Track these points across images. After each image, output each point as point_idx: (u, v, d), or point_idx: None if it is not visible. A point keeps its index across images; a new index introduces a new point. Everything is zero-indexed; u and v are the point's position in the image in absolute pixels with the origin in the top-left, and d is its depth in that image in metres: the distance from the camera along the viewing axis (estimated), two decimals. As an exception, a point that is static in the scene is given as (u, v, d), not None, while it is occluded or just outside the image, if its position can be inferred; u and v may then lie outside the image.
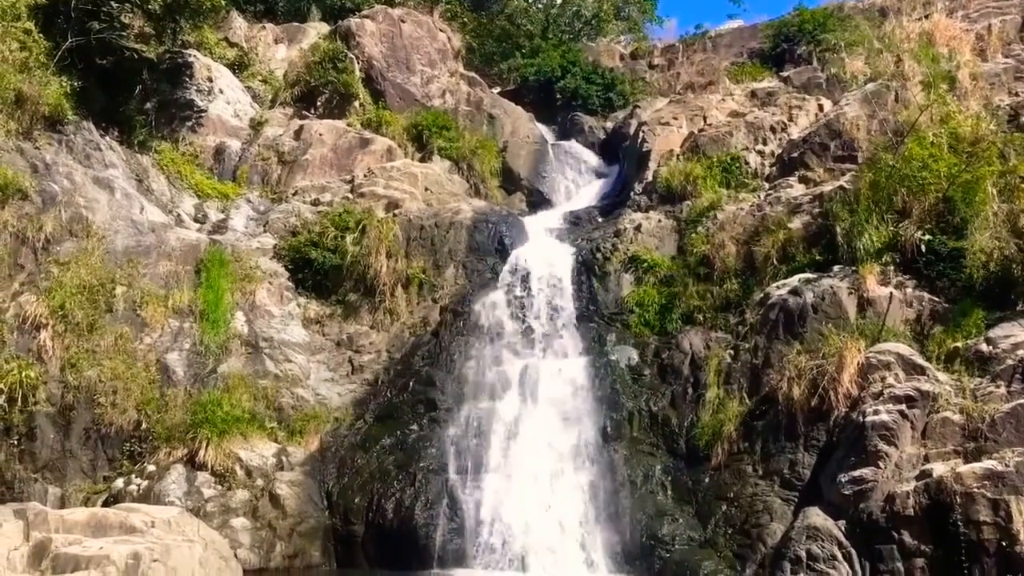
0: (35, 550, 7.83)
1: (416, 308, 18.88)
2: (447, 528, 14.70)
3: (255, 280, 18.40)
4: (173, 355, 16.49)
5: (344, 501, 15.47)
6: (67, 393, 14.99)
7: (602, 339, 17.09)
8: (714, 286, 17.03)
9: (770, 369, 14.95)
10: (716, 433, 14.78)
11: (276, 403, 16.88)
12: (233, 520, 14.52)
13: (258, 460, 15.49)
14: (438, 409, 16.47)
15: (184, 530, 9.15)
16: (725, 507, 14.18)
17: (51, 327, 15.19)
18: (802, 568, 12.63)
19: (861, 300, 14.87)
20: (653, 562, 13.92)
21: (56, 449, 14.87)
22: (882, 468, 12.64)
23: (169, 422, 15.46)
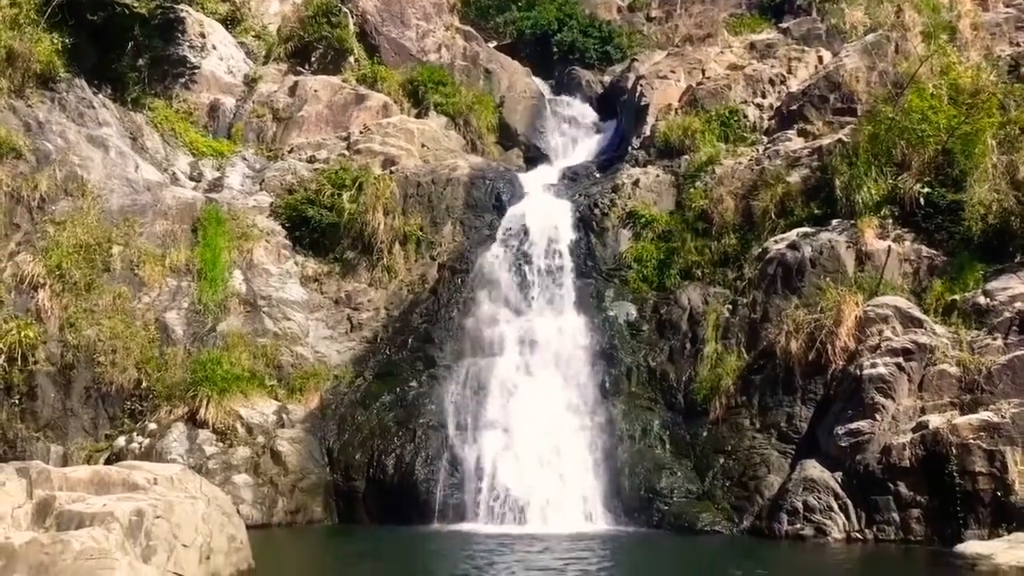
0: (39, 508, 7.87)
1: (414, 265, 18.85)
2: (447, 483, 14.83)
3: (252, 238, 18.34)
4: (172, 314, 16.49)
5: (345, 457, 15.58)
6: (67, 352, 15.02)
7: (600, 295, 17.10)
8: (712, 241, 16.98)
9: (768, 324, 14.98)
10: (714, 387, 14.86)
11: (276, 361, 16.92)
12: (235, 477, 14.63)
13: (259, 418, 15.57)
14: (437, 366, 16.53)
15: (187, 487, 9.20)
16: (723, 460, 14.31)
17: (49, 287, 15.17)
18: (799, 519, 12.78)
19: (859, 254, 14.86)
20: (651, 514, 14.07)
21: (57, 408, 14.94)
22: (879, 420, 12.73)
23: (169, 380, 15.51)
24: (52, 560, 6.96)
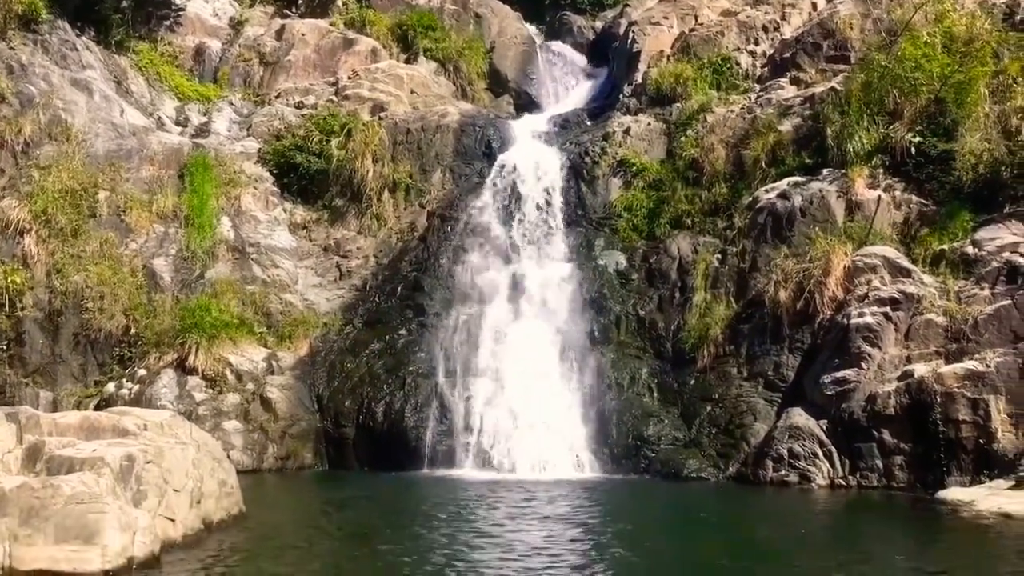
0: (29, 453, 7.88)
1: (403, 213, 18.76)
2: (436, 430, 14.93)
3: (240, 185, 18.20)
4: (159, 260, 16.41)
5: (334, 404, 15.65)
6: (54, 299, 14.97)
7: (590, 244, 17.08)
8: (703, 190, 16.93)
9: (757, 273, 15.01)
10: (702, 336, 14.92)
11: (265, 308, 16.90)
12: (225, 423, 14.70)
13: (248, 364, 15.59)
14: (427, 314, 16.54)
15: (177, 433, 9.21)
16: (710, 408, 14.43)
17: (35, 232, 15.06)
18: (784, 466, 12.94)
19: (849, 203, 14.84)
20: (639, 462, 14.22)
21: (46, 354, 14.92)
22: (865, 369, 12.83)
23: (158, 327, 15.48)
24: (43, 504, 6.99)
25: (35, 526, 6.87)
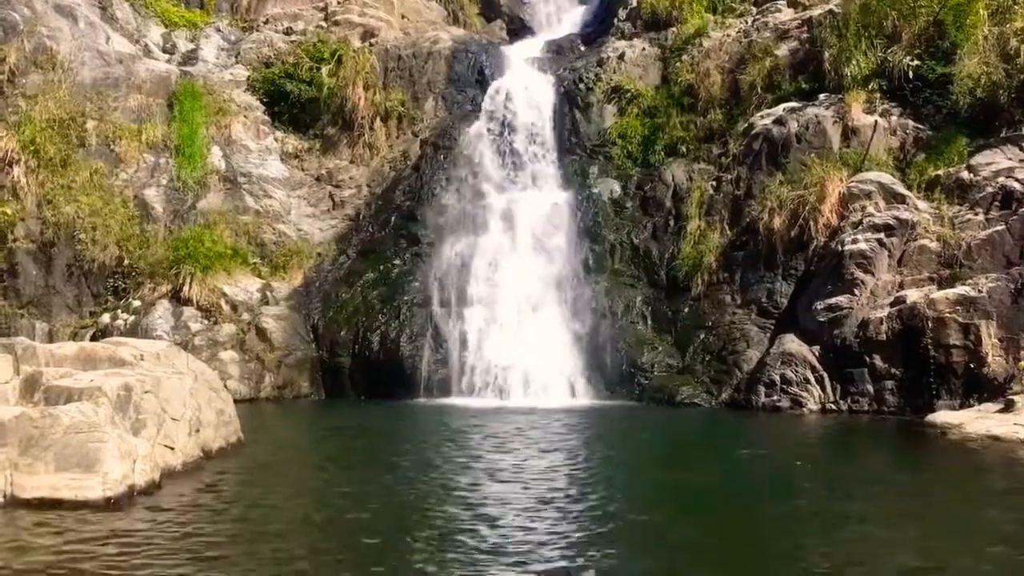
0: (26, 383, 7.91)
1: (396, 142, 18.59)
2: (432, 359, 15.04)
3: (230, 114, 17.97)
4: (150, 191, 16.29)
5: (330, 334, 15.72)
6: (46, 230, 14.89)
7: (584, 172, 16.98)
8: (698, 117, 16.77)
9: (752, 200, 14.96)
10: (696, 264, 14.95)
11: (258, 239, 16.85)
12: (221, 353, 14.77)
13: (243, 295, 15.61)
14: (421, 244, 16.52)
15: (173, 363, 9.24)
16: (703, 335, 14.53)
17: (24, 163, 14.91)
18: (776, 391, 13.09)
19: (846, 129, 14.73)
20: (633, 388, 14.37)
21: (39, 285, 14.91)
22: (857, 295, 12.89)
23: (151, 258, 15.45)
24: (42, 433, 7.04)
25: (35, 455, 6.93)
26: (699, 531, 6.24)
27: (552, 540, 5.79)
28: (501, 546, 5.64)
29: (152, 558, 5.43)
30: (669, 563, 5.47)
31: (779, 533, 6.22)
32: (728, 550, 5.80)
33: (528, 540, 5.82)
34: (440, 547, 5.69)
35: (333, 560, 5.63)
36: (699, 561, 5.52)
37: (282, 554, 5.69)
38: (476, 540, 5.81)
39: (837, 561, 5.41)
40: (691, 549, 5.79)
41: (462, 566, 5.25)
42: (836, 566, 5.31)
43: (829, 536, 6.08)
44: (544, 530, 6.02)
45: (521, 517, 6.40)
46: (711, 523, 6.53)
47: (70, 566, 5.23)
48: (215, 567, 5.33)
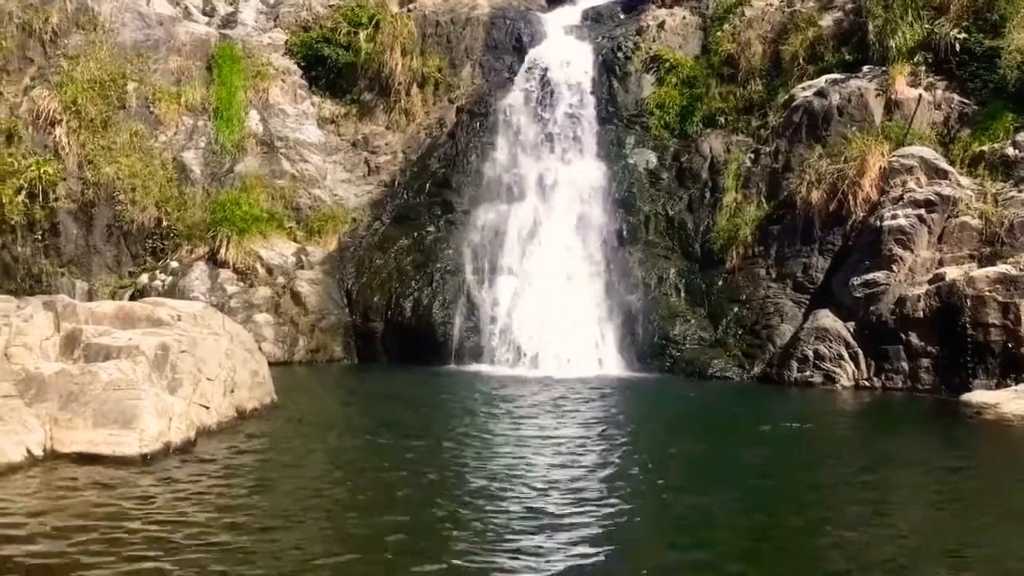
0: (66, 340, 8.06)
1: (432, 108, 18.55)
2: (463, 326, 15.10)
3: (268, 77, 18.03)
4: (189, 153, 16.43)
5: (363, 299, 15.83)
6: (87, 190, 15.09)
7: (621, 142, 16.85)
8: (738, 87, 16.55)
9: (790, 173, 14.78)
10: (732, 237, 14.83)
11: (294, 203, 16.96)
12: (256, 316, 14.94)
13: (278, 259, 15.75)
14: (455, 211, 16.52)
15: (209, 324, 9.37)
16: (737, 309, 14.45)
17: (65, 123, 15.09)
18: (809, 367, 13.00)
19: (888, 102, 14.46)
20: (664, 361, 14.34)
21: (80, 245, 15.14)
22: (895, 272, 12.73)
23: (189, 220, 15.62)
24: (81, 390, 7.19)
25: (74, 411, 7.08)
26: (726, 504, 6.24)
27: (576, 511, 5.83)
28: (527, 514, 5.68)
29: (188, 513, 5.55)
30: (694, 536, 5.48)
31: (807, 508, 6.21)
32: (753, 524, 5.80)
33: (553, 510, 5.86)
34: (467, 511, 5.75)
35: (363, 517, 5.71)
36: (723, 534, 5.53)
37: (314, 512, 5.79)
38: (502, 505, 5.86)
39: (865, 538, 5.40)
40: (717, 522, 5.80)
41: (490, 529, 5.31)
42: (863, 543, 5.30)
43: (856, 512, 6.06)
44: (569, 501, 6.05)
45: (547, 486, 6.45)
46: (738, 496, 6.53)
47: (108, 519, 5.35)
48: (249, 523, 5.45)
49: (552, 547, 4.99)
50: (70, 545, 4.82)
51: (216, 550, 4.85)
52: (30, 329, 7.84)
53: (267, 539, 5.15)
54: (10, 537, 4.93)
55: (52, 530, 5.09)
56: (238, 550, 4.89)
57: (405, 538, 5.23)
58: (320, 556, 4.84)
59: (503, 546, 5.01)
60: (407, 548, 5.04)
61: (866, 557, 5.01)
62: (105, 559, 4.63)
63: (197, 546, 4.89)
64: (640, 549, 5.19)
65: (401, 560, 4.84)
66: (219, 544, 4.98)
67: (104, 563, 4.57)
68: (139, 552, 4.75)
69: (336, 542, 5.15)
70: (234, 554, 4.82)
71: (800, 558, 5.06)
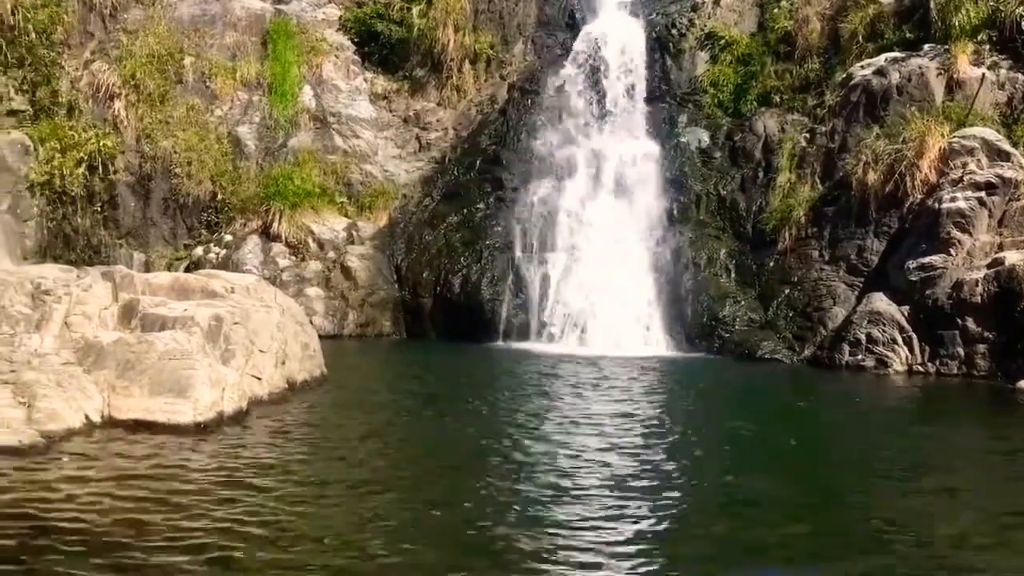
0: (124, 310, 8.24)
1: (483, 85, 18.53)
2: (512, 304, 15.14)
3: (321, 53, 18.13)
4: (243, 128, 16.63)
5: (412, 275, 15.94)
6: (144, 163, 15.38)
7: (673, 120, 16.67)
8: (794, 66, 16.27)
9: (846, 154, 14.51)
10: (784, 218, 14.63)
11: (345, 178, 17.09)
12: (307, 289, 15.14)
13: (329, 233, 15.92)
14: (505, 188, 16.51)
15: (262, 296, 9.51)
16: (788, 291, 14.28)
17: (124, 97, 15.37)
18: (861, 350, 12.81)
19: (950, 82, 14.11)
20: (712, 342, 14.24)
21: (137, 217, 15.46)
22: (953, 255, 12.47)
23: (243, 194, 15.85)
24: (138, 358, 7.35)
25: (131, 379, 7.25)
26: (776, 488, 6.20)
27: (621, 492, 5.84)
28: (575, 492, 5.70)
29: (242, 480, 5.68)
30: (744, 518, 5.46)
31: (855, 493, 6.15)
32: (800, 506, 5.76)
33: (598, 490, 5.88)
34: (512, 488, 5.79)
35: (412, 489, 5.80)
36: (770, 516, 5.50)
37: (364, 482, 5.89)
38: (551, 482, 5.89)
39: (912, 523, 5.34)
40: (765, 504, 5.77)
41: (538, 506, 5.34)
42: (919, 524, 5.24)
43: (912, 498, 5.99)
44: (615, 482, 6.06)
45: (595, 464, 6.45)
46: (787, 479, 6.48)
47: (164, 485, 5.49)
48: (301, 489, 5.56)
49: (596, 526, 5.01)
50: (127, 509, 4.96)
51: (269, 515, 4.96)
52: (89, 299, 8.03)
53: (318, 505, 5.26)
54: (70, 500, 5.09)
55: (110, 494, 5.24)
56: (290, 514, 5.00)
57: (450, 510, 5.29)
58: (370, 522, 4.94)
59: (550, 524, 5.04)
60: (449, 520, 5.11)
61: (928, 534, 4.95)
62: (161, 523, 4.76)
63: (251, 511, 5.00)
64: (688, 528, 5.19)
65: (444, 528, 4.91)
66: (272, 508, 5.10)
67: (160, 526, 4.70)
68: (194, 517, 4.87)
69: (382, 511, 5.23)
70: (286, 518, 4.93)
71: (852, 539, 5.01)
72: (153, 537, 4.53)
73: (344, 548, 4.55)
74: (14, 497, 5.07)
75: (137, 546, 4.39)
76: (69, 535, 4.51)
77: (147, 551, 4.33)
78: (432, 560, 4.46)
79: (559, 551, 4.55)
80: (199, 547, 4.41)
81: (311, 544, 4.59)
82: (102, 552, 4.29)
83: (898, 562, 4.58)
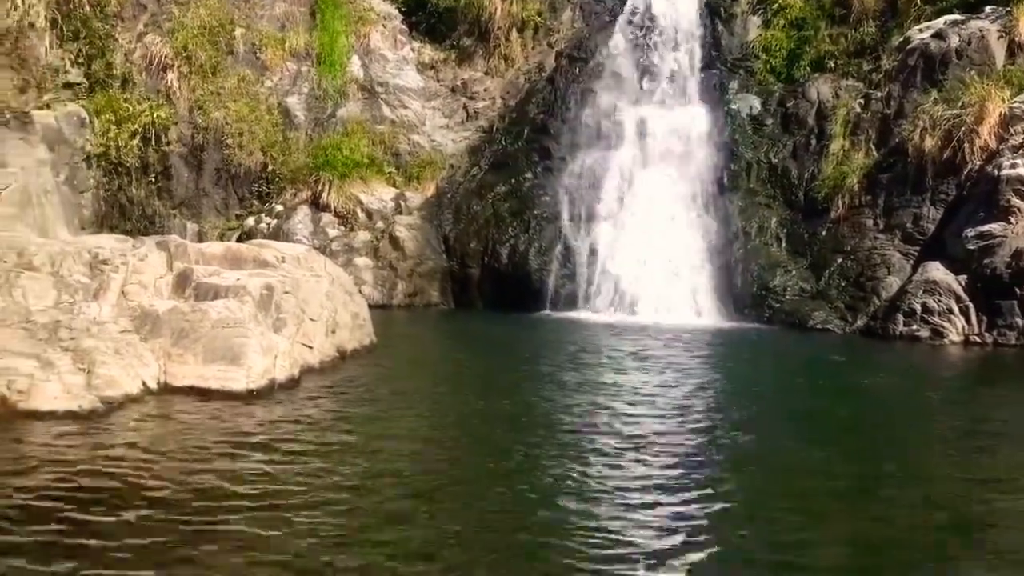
0: (178, 279, 8.40)
1: (531, 53, 18.39)
2: (559, 273, 15.12)
3: (369, 23, 18.13)
4: (293, 99, 16.74)
5: (460, 245, 15.98)
6: (196, 134, 15.57)
7: (724, 86, 16.40)
8: (849, 29, 15.89)
9: (902, 120, 14.18)
10: (837, 186, 14.38)
11: (393, 149, 17.14)
12: (356, 259, 15.26)
13: (378, 203, 16.01)
14: (552, 157, 16.42)
15: (312, 266, 9.62)
16: (841, 260, 14.06)
17: (177, 68, 15.53)
18: (916, 320, 12.59)
19: (1012, 45, 13.68)
20: (763, 312, 14.10)
21: (190, 187, 15.68)
22: (1012, 224, 12.16)
23: (293, 164, 15.99)
24: (192, 327, 7.50)
25: (185, 346, 7.40)
26: (834, 461, 6.14)
27: (680, 463, 5.83)
28: (628, 467, 5.70)
29: (295, 447, 5.78)
30: (800, 495, 5.42)
31: (915, 468, 6.06)
32: (858, 478, 5.70)
33: (650, 463, 5.87)
34: (560, 459, 5.81)
35: (463, 454, 5.87)
36: (828, 491, 5.46)
37: (416, 450, 5.96)
38: (605, 456, 5.91)
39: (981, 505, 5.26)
40: (823, 479, 5.72)
41: (590, 477, 5.36)
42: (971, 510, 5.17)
43: (975, 473, 5.90)
44: (671, 453, 6.04)
45: (648, 438, 6.43)
46: (842, 452, 6.42)
47: (220, 449, 5.62)
48: (352, 456, 5.66)
49: (651, 501, 5.00)
50: (184, 473, 5.09)
51: (322, 481, 5.05)
52: (145, 268, 8.19)
53: (371, 472, 5.35)
54: (130, 463, 5.23)
55: (168, 457, 5.38)
56: (342, 481, 5.09)
57: (500, 478, 5.34)
58: (424, 491, 5.02)
59: (604, 496, 5.05)
60: (500, 488, 5.15)
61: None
62: (216, 483, 4.89)
63: (306, 478, 5.10)
64: (742, 502, 5.17)
65: (495, 496, 4.96)
66: (326, 473, 5.20)
67: (215, 487, 4.82)
68: (249, 482, 4.98)
69: (436, 478, 5.30)
70: (339, 485, 5.01)
71: (903, 515, 4.95)
72: (210, 497, 4.66)
73: (393, 498, 4.63)
74: (76, 460, 5.22)
75: (195, 506, 4.52)
76: (130, 496, 4.64)
77: (205, 511, 4.45)
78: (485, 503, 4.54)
79: (613, 518, 4.57)
80: (252, 507, 4.53)
81: (367, 504, 4.67)
82: (164, 512, 4.42)
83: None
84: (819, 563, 4.20)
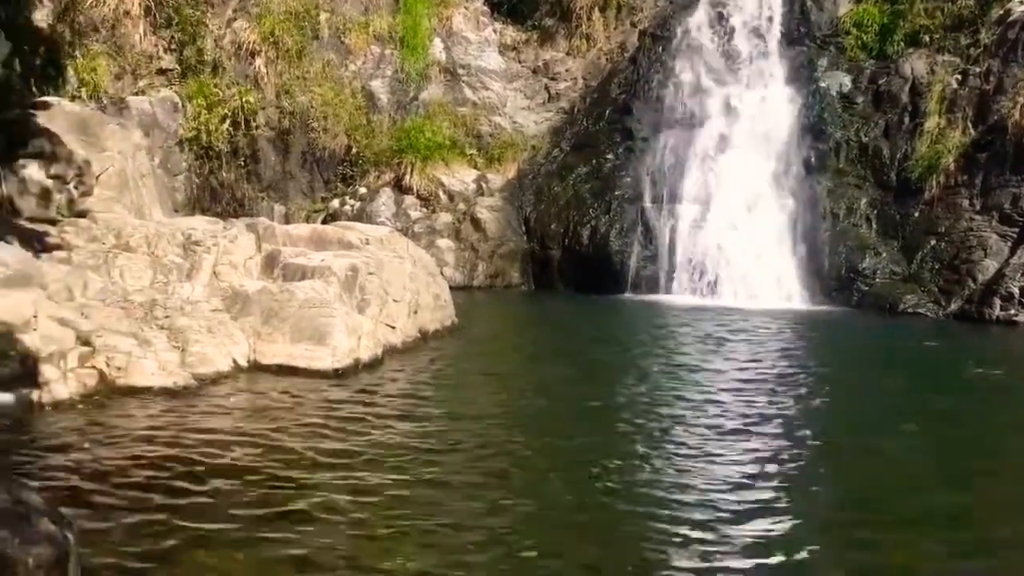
0: (267, 260, 8.62)
1: (613, 33, 18.18)
2: (641, 255, 14.98)
3: (451, 5, 18.18)
4: (376, 82, 16.93)
5: (541, 227, 15.97)
6: (283, 118, 15.89)
7: (812, 64, 15.96)
8: (946, 2, 15.25)
9: (1002, 96, 13.61)
10: (932, 165, 13.88)
11: (475, 130, 17.20)
12: (438, 241, 15.39)
13: (459, 185, 16.10)
14: (634, 138, 16.25)
15: (395, 247, 9.75)
16: (934, 242, 13.60)
17: (264, 54, 15.86)
18: (1014, 304, 12.13)
19: (1123, 15, 13.00)
20: (851, 295, 13.75)
21: (277, 171, 16.03)
22: (1121, 205, 11.58)
23: (376, 147, 16.19)
24: (280, 306, 7.69)
25: (274, 325, 7.60)
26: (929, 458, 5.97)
27: (765, 457, 5.75)
28: (715, 458, 5.63)
29: (380, 424, 5.89)
30: (896, 490, 5.29)
31: (1006, 456, 5.87)
32: (954, 477, 5.54)
33: (728, 452, 5.80)
34: (648, 450, 5.78)
35: (540, 436, 5.88)
36: (920, 485, 5.32)
37: (497, 431, 6.00)
38: (687, 447, 5.85)
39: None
40: (921, 476, 5.57)
41: (668, 463, 5.33)
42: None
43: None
44: (757, 446, 5.95)
45: (735, 428, 6.33)
46: (939, 445, 6.24)
47: (308, 425, 5.76)
48: (436, 432, 5.75)
49: (726, 488, 4.95)
50: (273, 447, 5.24)
51: (407, 457, 5.15)
52: (235, 249, 8.42)
53: (455, 449, 5.44)
54: (224, 434, 5.40)
55: (258, 434, 5.53)
56: (426, 457, 5.17)
57: (580, 462, 5.34)
58: (514, 468, 5.10)
59: (678, 479, 5.02)
60: (579, 471, 5.16)
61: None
62: (305, 452, 5.04)
63: (391, 453, 5.21)
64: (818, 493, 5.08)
65: (564, 474, 4.97)
66: (411, 449, 5.33)
67: (306, 457, 4.98)
68: (335, 455, 5.09)
69: (513, 458, 5.33)
70: (424, 459, 5.10)
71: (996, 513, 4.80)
72: (298, 467, 4.81)
73: (474, 475, 4.70)
74: (174, 433, 5.43)
75: (283, 475, 4.66)
76: (225, 466, 4.81)
77: (293, 481, 4.59)
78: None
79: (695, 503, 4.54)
80: (336, 478, 4.65)
81: (450, 479, 4.74)
82: (254, 481, 4.58)
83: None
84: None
